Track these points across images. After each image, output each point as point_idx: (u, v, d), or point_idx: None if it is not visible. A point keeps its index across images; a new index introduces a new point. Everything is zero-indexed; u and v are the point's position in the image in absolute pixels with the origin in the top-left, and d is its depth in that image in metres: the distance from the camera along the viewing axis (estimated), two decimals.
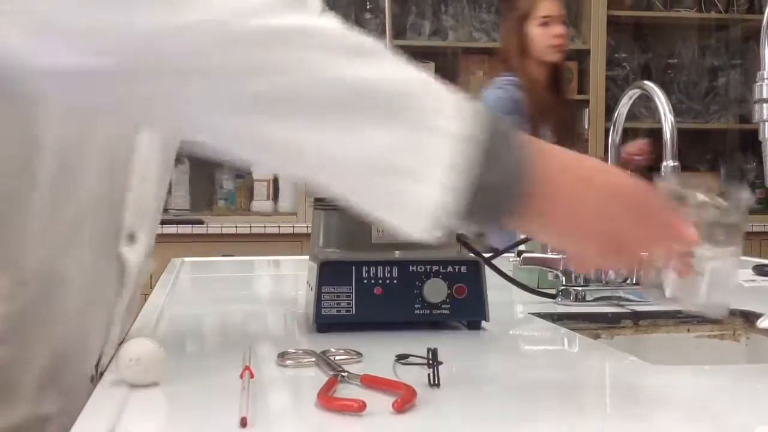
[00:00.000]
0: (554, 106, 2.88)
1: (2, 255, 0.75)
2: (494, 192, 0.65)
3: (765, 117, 1.00)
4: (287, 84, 0.62)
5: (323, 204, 1.12)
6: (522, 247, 1.34)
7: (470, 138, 0.63)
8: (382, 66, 0.65)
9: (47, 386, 0.81)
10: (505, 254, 1.32)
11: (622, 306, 1.28)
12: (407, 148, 0.63)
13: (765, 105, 1.00)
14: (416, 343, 0.85)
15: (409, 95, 0.64)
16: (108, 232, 0.86)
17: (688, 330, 1.23)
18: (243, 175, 3.85)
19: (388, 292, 1.02)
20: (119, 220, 0.86)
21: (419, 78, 0.65)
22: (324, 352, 0.85)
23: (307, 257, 1.16)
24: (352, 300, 1.01)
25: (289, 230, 3.58)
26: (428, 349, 0.77)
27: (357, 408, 0.66)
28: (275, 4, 0.63)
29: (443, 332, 1.03)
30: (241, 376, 0.74)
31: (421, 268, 1.02)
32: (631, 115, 1.31)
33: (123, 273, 0.88)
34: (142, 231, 0.89)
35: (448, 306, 1.02)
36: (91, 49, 0.61)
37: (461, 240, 1.12)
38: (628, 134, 3.97)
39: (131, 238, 0.88)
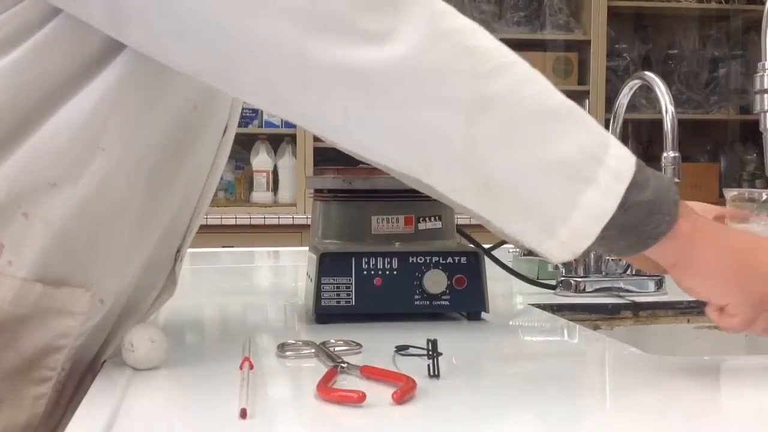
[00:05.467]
0: None
1: (90, 274, 0.76)
2: (648, 206, 0.67)
3: (765, 108, 1.00)
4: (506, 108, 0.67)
5: (323, 195, 1.12)
6: None
7: (632, 156, 0.68)
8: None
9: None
10: (505, 245, 1.32)
11: (621, 297, 1.28)
12: (587, 155, 0.67)
13: (765, 96, 1.00)
14: (416, 334, 0.85)
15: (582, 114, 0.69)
16: (171, 254, 0.90)
17: (688, 321, 1.23)
18: (242, 166, 3.85)
19: (388, 283, 1.01)
20: (180, 242, 0.90)
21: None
22: (324, 343, 0.85)
23: (307, 248, 1.16)
24: (351, 291, 1.01)
25: (289, 221, 3.58)
26: (428, 340, 0.77)
27: (357, 399, 0.66)
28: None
29: (443, 323, 1.03)
30: (241, 368, 0.74)
31: (420, 259, 1.02)
32: (631, 106, 1.31)
33: (172, 287, 0.93)
34: (185, 247, 0.92)
35: (448, 297, 1.02)
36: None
37: (461, 231, 1.12)
38: (628, 125, 3.97)
39: (177, 252, 0.91)
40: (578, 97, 3.73)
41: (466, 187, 0.69)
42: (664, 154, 1.29)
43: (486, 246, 1.17)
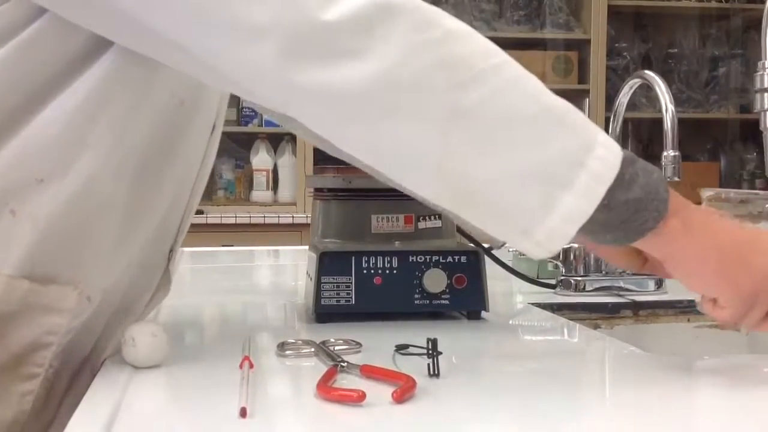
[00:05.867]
0: None
1: (77, 272, 0.76)
2: (634, 204, 0.68)
3: (766, 107, 1.00)
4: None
5: (323, 194, 1.12)
6: None
7: (620, 154, 0.69)
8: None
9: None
10: (505, 245, 1.32)
11: (621, 296, 1.28)
12: (567, 159, 0.67)
13: (766, 95, 1.00)
14: (416, 334, 0.85)
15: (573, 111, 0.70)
16: (164, 253, 0.90)
17: (688, 320, 1.23)
18: (242, 165, 3.84)
19: (388, 282, 1.01)
20: (172, 241, 0.91)
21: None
22: (323, 343, 0.85)
23: (307, 247, 1.16)
24: (351, 290, 1.01)
25: (289, 220, 3.58)
26: (428, 339, 0.77)
27: (357, 398, 0.66)
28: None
29: (443, 322, 1.03)
30: (241, 366, 0.74)
31: (420, 258, 1.02)
32: (631, 105, 1.30)
33: (167, 285, 0.93)
34: (177, 245, 0.93)
35: (448, 296, 1.02)
36: None
37: (461, 230, 1.12)
38: (628, 124, 3.97)
39: (171, 252, 0.92)
40: (578, 96, 3.73)
41: (442, 195, 0.70)
42: (664, 153, 1.29)
43: (486, 245, 1.17)
